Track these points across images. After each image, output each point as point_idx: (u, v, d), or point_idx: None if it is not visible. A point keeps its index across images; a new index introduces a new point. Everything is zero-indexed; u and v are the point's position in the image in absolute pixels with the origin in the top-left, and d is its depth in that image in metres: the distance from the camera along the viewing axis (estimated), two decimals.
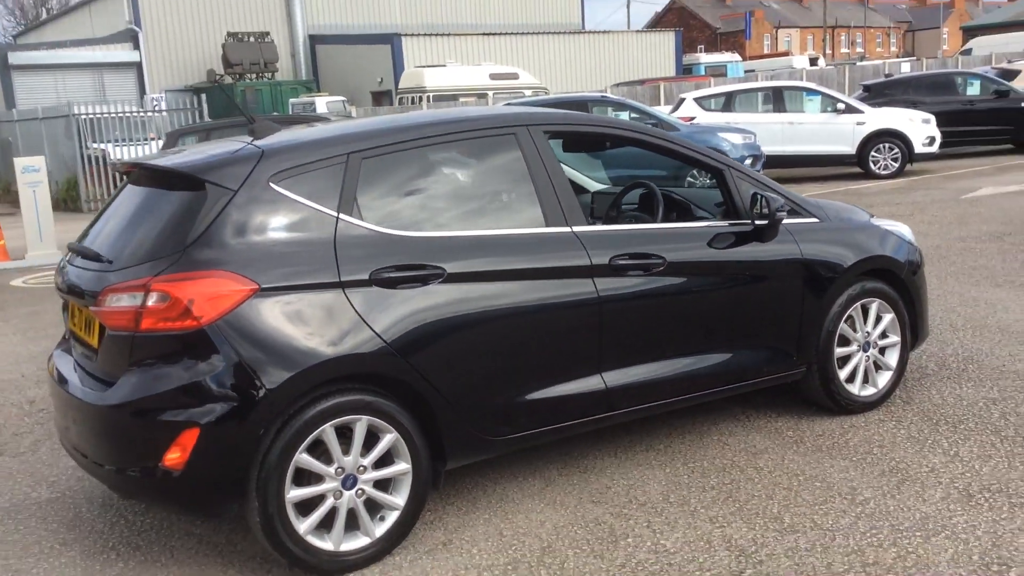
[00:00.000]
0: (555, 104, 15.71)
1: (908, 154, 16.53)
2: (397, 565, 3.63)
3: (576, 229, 4.06)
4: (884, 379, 4.98)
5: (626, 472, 4.34)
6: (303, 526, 3.48)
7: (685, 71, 37.48)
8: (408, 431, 3.63)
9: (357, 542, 3.60)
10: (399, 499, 3.66)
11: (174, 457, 3.33)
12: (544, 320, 3.92)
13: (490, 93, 27.43)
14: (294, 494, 3.46)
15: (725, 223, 4.49)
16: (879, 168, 16.50)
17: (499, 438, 3.89)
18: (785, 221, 4.53)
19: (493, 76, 28.57)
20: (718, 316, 4.41)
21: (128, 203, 3.88)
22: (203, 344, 3.35)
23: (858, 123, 16.66)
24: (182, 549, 3.88)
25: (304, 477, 3.49)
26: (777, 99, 17.45)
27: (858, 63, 41.15)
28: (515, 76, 29.00)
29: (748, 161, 14.81)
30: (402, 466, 3.65)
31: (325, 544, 3.53)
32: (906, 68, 34.12)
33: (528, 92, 27.87)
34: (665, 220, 4.65)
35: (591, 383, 4.06)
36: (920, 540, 3.54)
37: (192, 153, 3.90)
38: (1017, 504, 3.77)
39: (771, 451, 4.49)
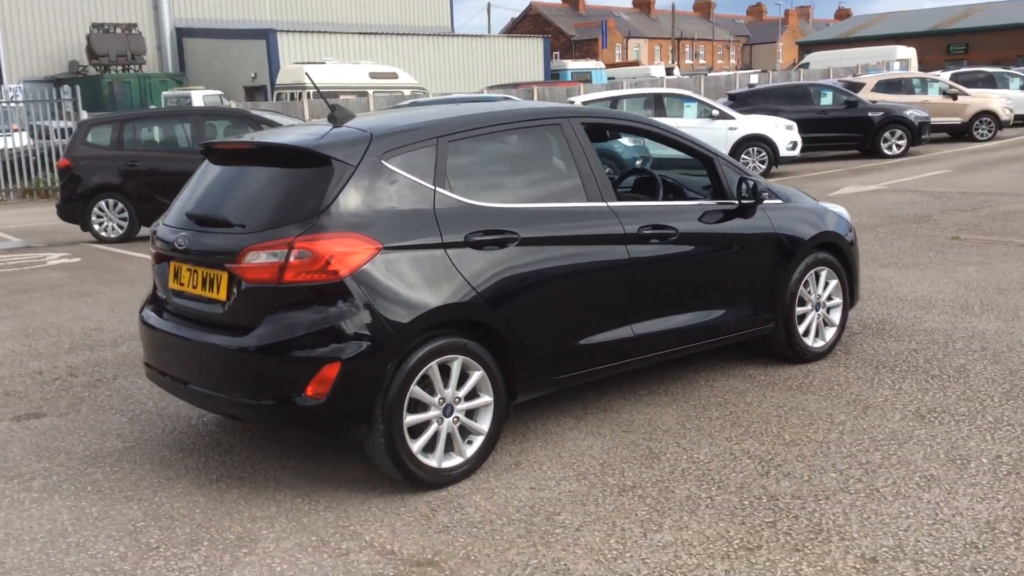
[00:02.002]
0: (457, 103, 16.49)
1: (774, 157, 18.14)
2: (485, 479, 4.35)
3: (610, 204, 4.88)
4: (830, 334, 6.02)
5: (641, 409, 5.19)
6: (416, 446, 4.17)
7: (553, 76, 38.91)
8: (491, 369, 4.36)
9: (453, 461, 4.30)
10: (483, 426, 4.39)
11: (317, 388, 3.95)
12: (591, 278, 4.73)
13: (370, 92, 27.87)
14: (409, 420, 4.14)
15: (714, 202, 5.41)
16: (750, 170, 18.00)
17: (556, 377, 4.67)
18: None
19: (373, 75, 29.02)
20: (714, 279, 5.32)
21: (232, 178, 4.45)
22: (340, 293, 3.98)
23: (730, 128, 18.15)
24: (283, 478, 4.48)
25: (415, 406, 4.16)
26: (658, 105, 18.79)
27: (708, 74, 43.61)
28: (394, 76, 29.53)
29: (639, 161, 16.00)
30: (485, 399, 4.37)
31: (431, 462, 4.22)
32: (754, 79, 36.55)
33: (407, 92, 28.49)
34: (664, 199, 5.54)
35: (623, 332, 4.89)
36: (896, 446, 4.53)
37: (302, 134, 4.50)
38: (959, 420, 4.83)
39: (752, 391, 5.43)
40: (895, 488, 4.07)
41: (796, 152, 18.48)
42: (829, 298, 6.00)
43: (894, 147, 20.88)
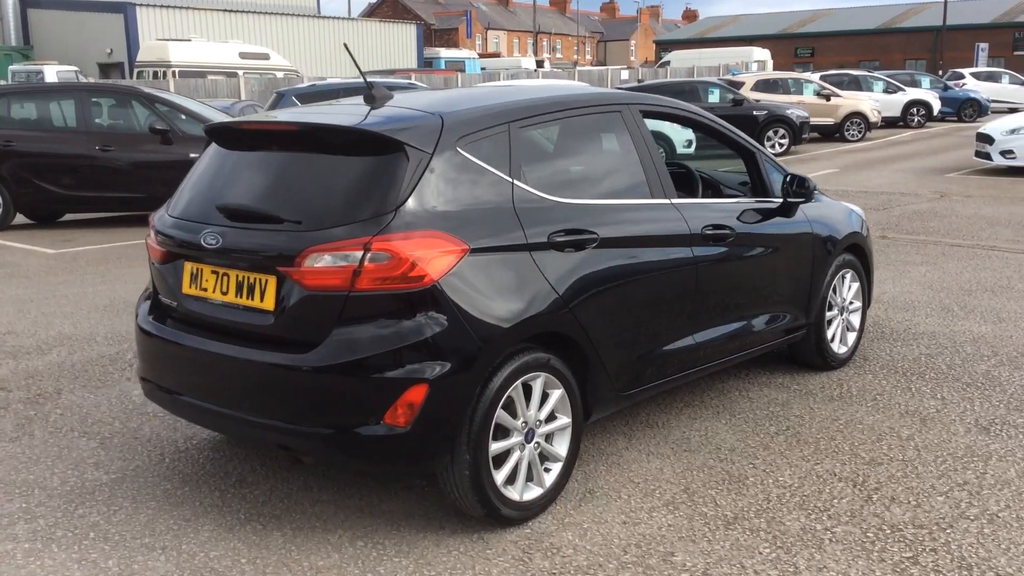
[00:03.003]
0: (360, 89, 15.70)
1: (671, 153, 18.16)
2: (565, 512, 3.84)
3: (673, 201, 4.44)
4: (851, 339, 5.79)
5: (688, 424, 4.79)
6: (500, 478, 3.62)
7: (426, 64, 38.16)
8: (571, 387, 3.85)
9: (534, 492, 3.77)
10: (562, 451, 3.87)
11: (399, 414, 3.34)
12: (662, 282, 4.28)
13: (240, 72, 26.50)
14: (493, 447, 3.58)
15: (757, 200, 5.04)
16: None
17: (625, 392, 4.20)
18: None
19: (243, 55, 27.60)
20: (762, 282, 4.96)
21: (272, 165, 3.76)
22: (424, 303, 3.38)
23: None
24: (326, 515, 3.83)
25: (498, 432, 3.61)
26: None
27: (576, 68, 43.89)
28: (266, 57, 28.19)
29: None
30: (564, 420, 3.86)
31: (513, 494, 3.67)
32: (625, 75, 36.98)
33: (280, 74, 27.26)
34: (703, 196, 5.14)
35: (687, 341, 4.47)
36: (981, 463, 4.28)
37: (351, 116, 3.83)
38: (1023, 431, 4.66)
39: (794, 402, 5.11)
40: (1013, 512, 3.81)
41: (691, 150, 18.56)
42: (850, 302, 5.76)
43: (776, 145, 21.36)
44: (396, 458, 3.45)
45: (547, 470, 3.84)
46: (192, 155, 11.74)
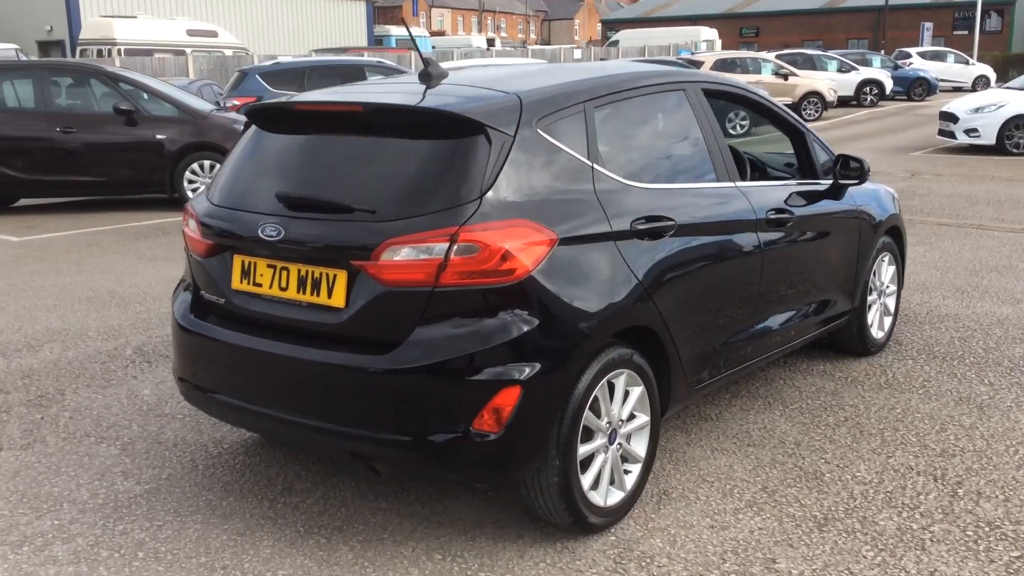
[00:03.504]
0: (329, 67, 15.27)
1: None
2: (646, 516, 3.63)
3: (737, 184, 4.23)
4: (887, 323, 5.66)
5: (743, 416, 4.61)
6: (586, 483, 3.39)
7: (376, 42, 37.46)
8: (651, 383, 3.63)
9: (616, 496, 3.54)
10: (641, 451, 3.65)
11: (490, 418, 3.08)
12: (732, 270, 4.08)
13: (188, 51, 25.72)
14: (581, 451, 3.35)
15: (806, 182, 4.84)
16: None
17: (698, 386, 3.99)
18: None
19: (191, 32, 26.77)
20: (817, 267, 4.78)
21: (334, 150, 3.46)
22: (515, 298, 3.12)
23: None
24: (392, 525, 3.57)
25: (584, 434, 3.38)
26: None
27: (525, 46, 43.50)
28: (214, 34, 27.38)
29: None
30: (643, 419, 3.64)
31: (598, 500, 3.45)
32: (578, 54, 36.77)
33: (228, 52, 26.54)
34: (751, 178, 4.93)
35: (751, 329, 4.28)
36: None
37: (430, 95, 3.53)
38: None
39: (844, 391, 4.96)
40: None
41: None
42: (887, 285, 5.62)
43: (738, 127, 21.32)
44: (484, 466, 3.18)
45: (627, 472, 3.61)
46: (159, 136, 11.27)
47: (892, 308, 5.70)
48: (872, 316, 5.44)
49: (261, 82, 14.47)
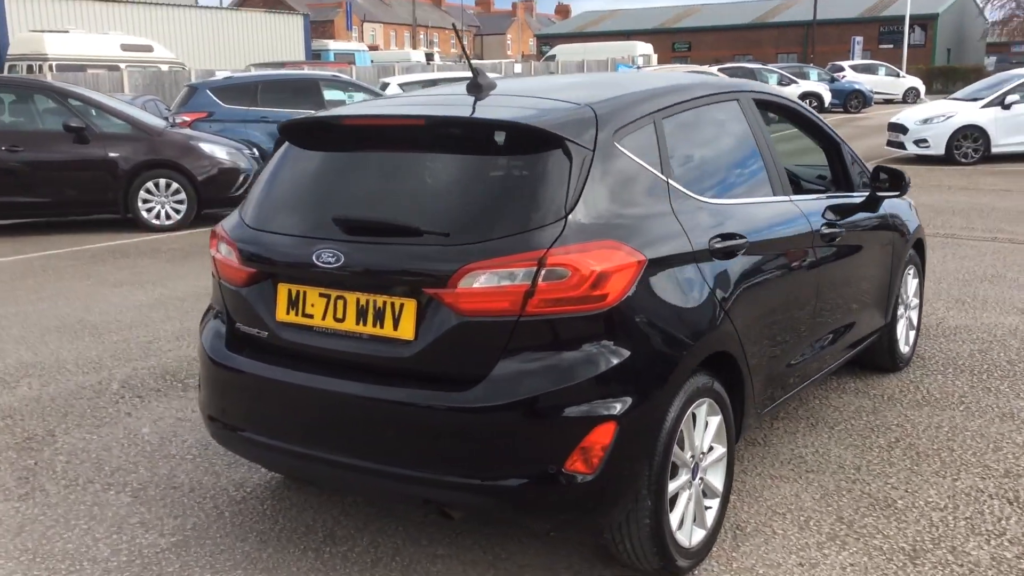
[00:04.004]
0: (282, 81, 14.85)
1: None
2: (728, 554, 3.39)
3: (792, 198, 4.04)
4: (911, 337, 5.53)
5: (790, 440, 4.41)
6: (674, 523, 3.14)
7: (314, 56, 36.88)
8: (728, 411, 3.40)
9: (698, 535, 3.30)
10: (719, 484, 3.42)
11: (584, 459, 2.81)
12: (795, 286, 3.89)
13: (123, 66, 24.93)
14: (670, 489, 3.10)
15: (845, 195, 4.66)
16: None
17: (764, 410, 3.80)
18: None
19: (125, 47, 25.98)
20: (861, 282, 4.61)
21: (393, 167, 3.18)
22: (606, 326, 2.86)
23: None
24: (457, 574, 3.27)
25: (671, 471, 3.13)
26: None
27: (460, 61, 43.24)
28: (149, 49, 26.63)
29: None
30: (721, 450, 3.40)
31: (683, 540, 3.20)
32: (518, 68, 36.74)
33: (164, 67, 25.85)
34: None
35: (807, 349, 4.09)
36: None
37: (501, 108, 3.25)
38: None
39: (883, 409, 4.80)
40: None
41: None
42: (911, 299, 5.50)
43: None
44: (576, 510, 2.91)
45: (707, 508, 3.37)
46: (112, 154, 10.76)
47: (916, 322, 5.58)
48: (900, 330, 5.30)
49: (212, 97, 13.96)
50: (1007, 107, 16.58)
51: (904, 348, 5.39)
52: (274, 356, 3.22)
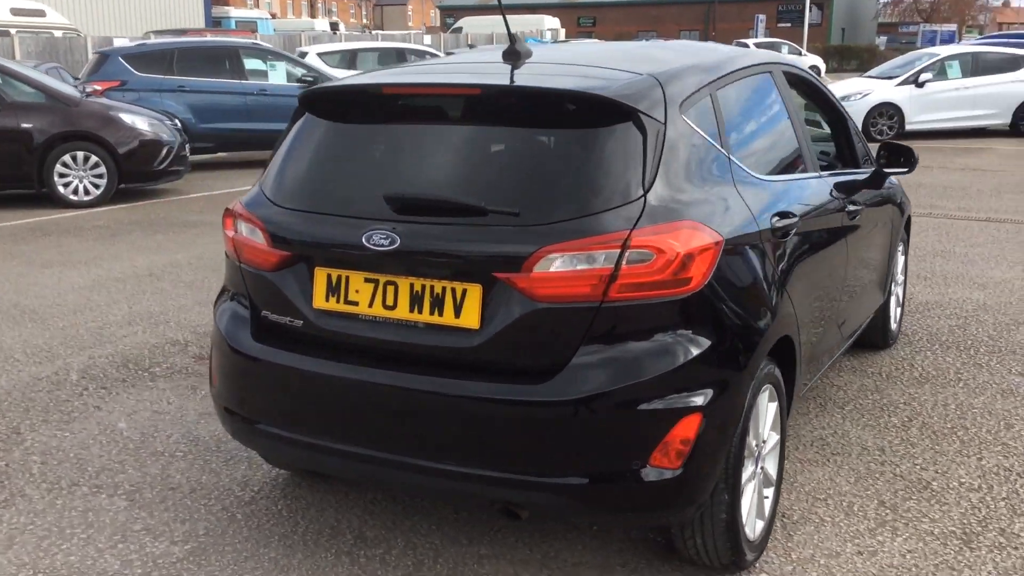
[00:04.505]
0: (200, 48, 14.18)
1: None
2: (784, 545, 3.27)
3: (821, 174, 3.93)
4: (898, 314, 5.53)
5: (804, 422, 4.33)
6: (745, 516, 3.00)
7: (215, 24, 35.49)
8: (783, 397, 3.27)
9: (759, 526, 3.16)
10: (774, 473, 3.30)
11: (668, 453, 2.64)
12: (832, 264, 3.81)
13: (13, 31, 23.46)
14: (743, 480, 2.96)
15: (856, 171, 4.57)
16: None
17: (803, 391, 3.69)
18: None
19: (15, 11, 24.44)
20: (872, 258, 4.55)
21: (450, 139, 2.94)
22: (688, 312, 2.68)
23: None
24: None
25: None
26: (400, 60, 17.58)
27: (366, 31, 42.40)
28: (41, 13, 25.14)
29: None
30: (775, 437, 3.28)
31: (749, 533, 3.06)
32: (427, 40, 36.14)
33: (58, 33, 24.49)
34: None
35: (835, 329, 4.00)
36: None
37: (556, 77, 3.02)
38: None
39: (885, 388, 4.77)
40: None
41: None
42: (898, 276, 5.50)
43: None
44: (659, 508, 2.74)
45: (765, 497, 3.25)
46: (24, 125, 10.07)
47: (901, 299, 5.59)
48: (892, 308, 5.29)
49: (125, 65, 13.23)
50: (921, 85, 17.04)
51: (893, 325, 5.38)
52: (311, 347, 2.95)
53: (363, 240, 2.76)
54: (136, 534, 3.35)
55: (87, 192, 10.42)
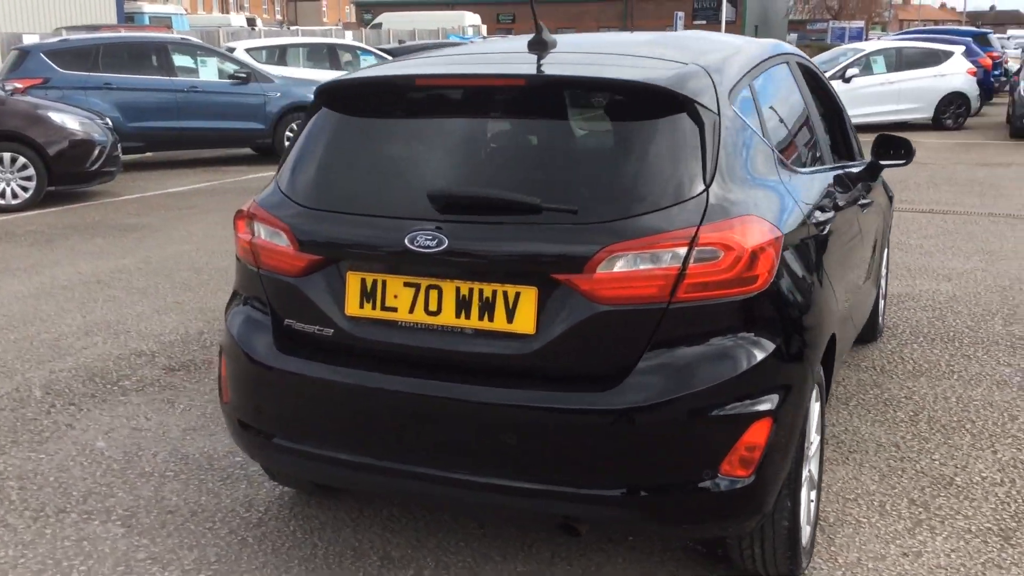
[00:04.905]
0: (126, 44, 13.63)
1: None
2: (828, 550, 3.18)
3: (834, 165, 3.87)
4: (882, 307, 5.53)
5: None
6: (803, 523, 2.89)
7: (128, 19, 34.28)
8: (824, 397, 3.19)
9: (806, 531, 3.06)
10: (816, 474, 3.20)
11: (739, 461, 2.51)
12: (856, 258, 3.77)
13: None
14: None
15: (855, 163, 4.51)
16: None
17: (832, 392, 3.61)
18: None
19: None
20: (873, 250, 4.50)
21: (495, 132, 2.79)
22: (755, 312, 2.56)
23: None
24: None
25: None
26: (332, 56, 17.23)
27: (283, 27, 41.61)
28: None
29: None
30: (817, 438, 3.18)
31: (804, 540, 2.96)
32: (349, 36, 35.63)
33: None
34: None
35: (852, 325, 3.94)
36: None
37: (612, 68, 2.85)
38: None
39: (883, 382, 4.74)
40: None
41: None
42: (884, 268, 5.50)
43: None
44: (728, 518, 2.61)
45: (811, 501, 3.15)
46: None
47: (884, 291, 5.59)
48: (880, 300, 5.28)
49: (47, 61, 12.62)
50: (847, 80, 17.34)
51: (880, 318, 5.38)
52: (343, 357, 2.74)
53: (406, 242, 2.57)
54: (141, 563, 3.09)
55: (15, 195, 9.87)
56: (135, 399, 4.55)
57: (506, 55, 3.22)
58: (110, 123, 11.05)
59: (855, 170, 4.29)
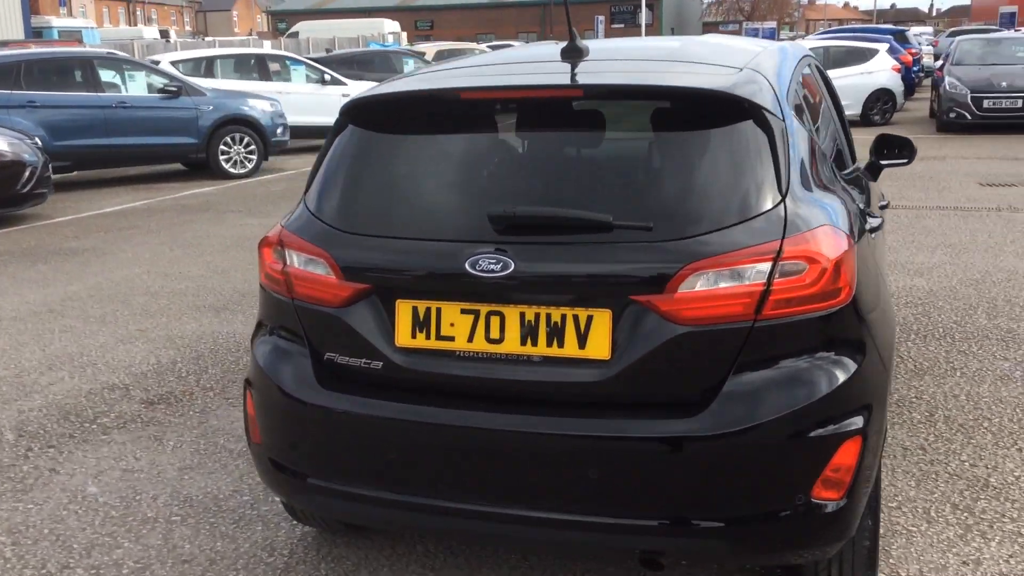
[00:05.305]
0: (50, 60, 13.06)
1: None
2: (887, 562, 3.09)
3: (855, 167, 3.80)
4: None
5: None
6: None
7: (36, 34, 33.09)
8: None
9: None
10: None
11: (831, 482, 2.39)
12: (882, 264, 3.65)
13: None
14: None
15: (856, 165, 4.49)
16: None
17: None
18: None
19: None
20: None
21: (551, 146, 2.63)
22: (838, 326, 2.44)
23: (343, 95, 16.83)
24: None
25: None
26: (261, 67, 16.82)
27: (196, 37, 40.72)
28: None
29: (279, 131, 14.09)
30: None
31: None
32: (267, 45, 35.06)
33: None
34: None
35: None
36: None
37: (667, 75, 2.70)
38: None
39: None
40: None
41: None
42: None
43: None
44: (818, 542, 2.47)
45: None
46: None
47: None
48: None
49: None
50: None
51: None
52: (393, 391, 2.54)
53: (467, 266, 2.39)
54: None
55: None
56: (118, 437, 4.25)
57: (544, 64, 3.04)
58: (39, 143, 10.55)
59: (864, 171, 4.24)
